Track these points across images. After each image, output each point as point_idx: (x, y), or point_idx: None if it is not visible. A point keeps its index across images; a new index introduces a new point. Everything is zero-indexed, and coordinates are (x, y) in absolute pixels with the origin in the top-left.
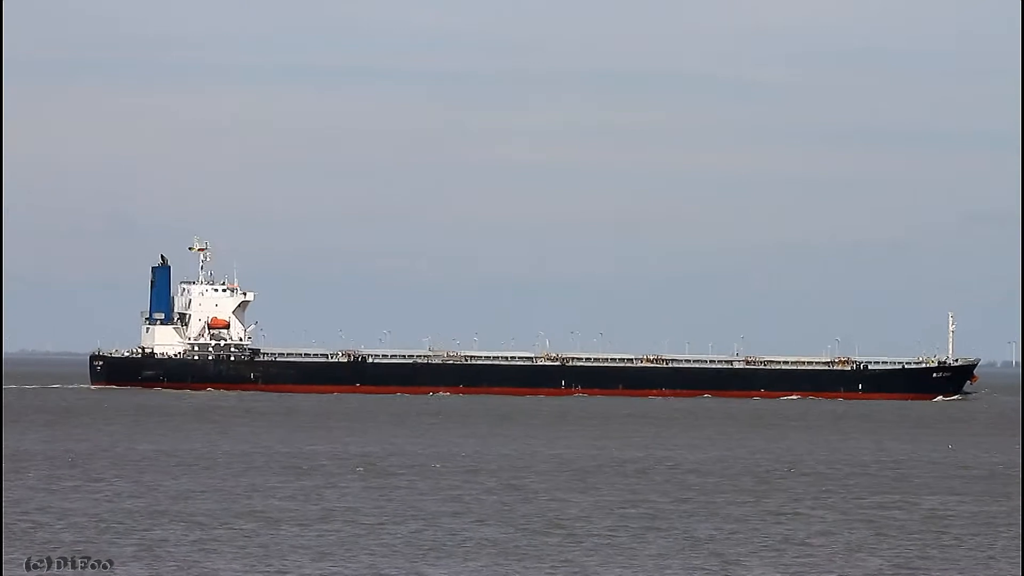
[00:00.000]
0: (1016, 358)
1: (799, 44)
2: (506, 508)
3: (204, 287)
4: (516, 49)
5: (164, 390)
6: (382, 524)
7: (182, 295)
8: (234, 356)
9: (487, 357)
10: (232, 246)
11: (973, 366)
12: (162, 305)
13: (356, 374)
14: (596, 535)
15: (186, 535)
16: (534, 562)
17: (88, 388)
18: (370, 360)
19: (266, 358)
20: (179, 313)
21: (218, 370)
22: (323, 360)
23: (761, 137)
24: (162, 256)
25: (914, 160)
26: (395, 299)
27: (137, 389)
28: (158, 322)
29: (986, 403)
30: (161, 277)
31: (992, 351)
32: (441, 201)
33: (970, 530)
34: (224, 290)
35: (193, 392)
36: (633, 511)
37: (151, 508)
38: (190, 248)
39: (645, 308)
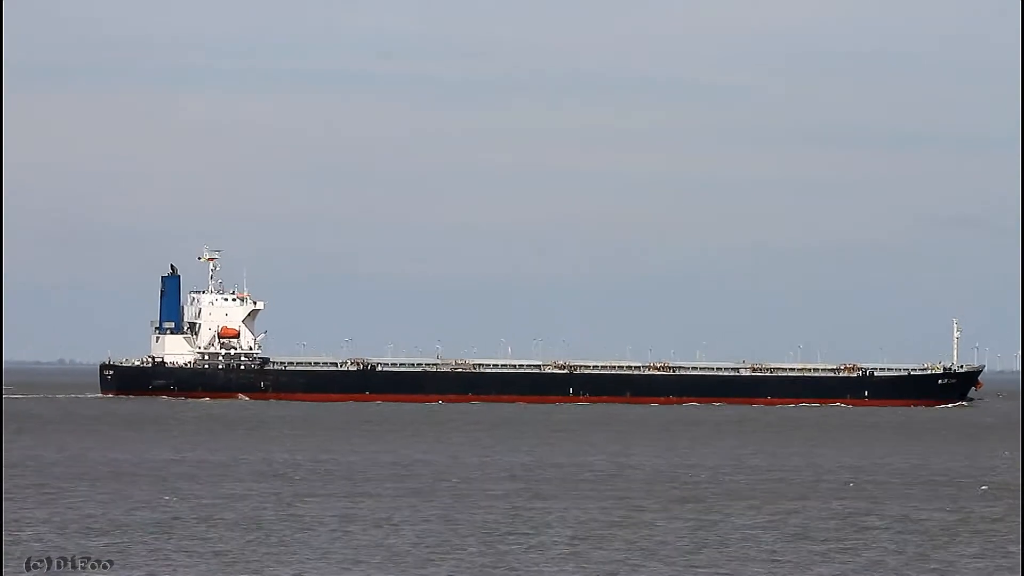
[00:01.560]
0: (983, 363)
1: (798, 46)
2: (429, 513)
3: (214, 296)
4: (515, 51)
5: (173, 399)
6: (297, 533)
7: (192, 304)
8: (244, 365)
9: (495, 365)
10: (239, 253)
11: (978, 372)
12: (172, 314)
13: (365, 382)
14: (514, 544)
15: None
16: (437, 567)
17: (98, 397)
18: (379, 368)
19: (276, 367)
20: (189, 322)
21: (228, 379)
22: (332, 368)
23: (760, 138)
24: (172, 266)
25: (915, 162)
26: (399, 303)
27: (147, 398)
28: (168, 331)
29: (993, 409)
30: (171, 286)
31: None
32: (442, 204)
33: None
34: (234, 299)
35: (198, 401)
36: (552, 517)
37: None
38: (199, 258)
39: (642, 309)
